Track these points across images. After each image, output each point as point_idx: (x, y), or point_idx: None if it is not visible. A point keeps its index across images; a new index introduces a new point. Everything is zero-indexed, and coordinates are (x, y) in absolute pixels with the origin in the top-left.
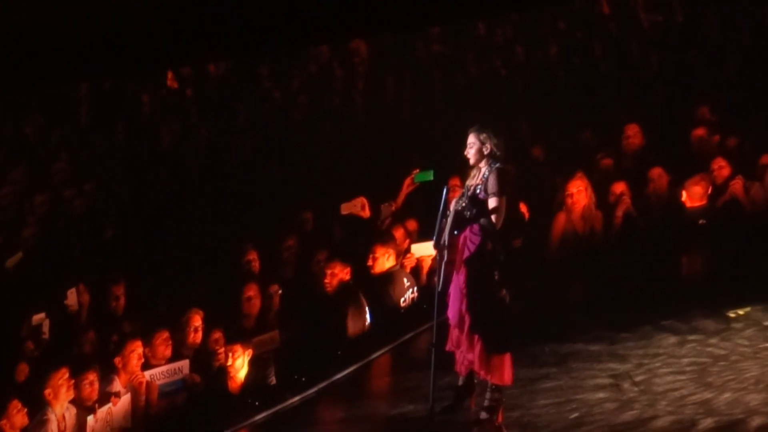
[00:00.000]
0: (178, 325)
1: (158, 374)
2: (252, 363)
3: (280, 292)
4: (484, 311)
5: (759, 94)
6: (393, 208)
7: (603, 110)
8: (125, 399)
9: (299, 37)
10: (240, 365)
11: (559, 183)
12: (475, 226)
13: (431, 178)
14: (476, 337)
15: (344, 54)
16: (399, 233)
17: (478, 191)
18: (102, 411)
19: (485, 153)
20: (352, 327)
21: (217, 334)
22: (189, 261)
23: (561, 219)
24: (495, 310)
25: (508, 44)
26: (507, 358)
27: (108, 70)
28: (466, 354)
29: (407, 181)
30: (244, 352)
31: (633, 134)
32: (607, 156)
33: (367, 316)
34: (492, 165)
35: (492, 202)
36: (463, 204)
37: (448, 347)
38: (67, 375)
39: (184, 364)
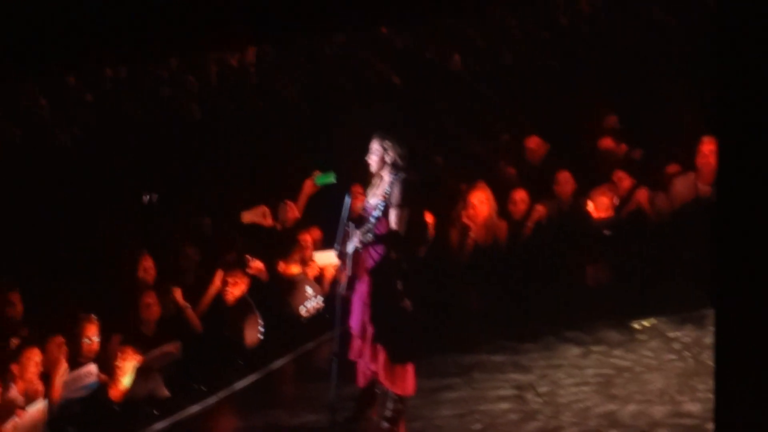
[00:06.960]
0: (74, 334)
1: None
2: (139, 371)
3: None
4: (386, 321)
5: (662, 103)
6: (289, 210)
7: (508, 119)
8: (34, 410)
9: (196, 41)
10: (128, 370)
11: (462, 192)
12: None
13: (333, 180)
14: (379, 347)
15: (240, 58)
16: (304, 241)
17: (382, 203)
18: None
19: (387, 161)
20: (248, 339)
21: (115, 341)
22: (85, 267)
23: (464, 229)
24: (398, 321)
25: (411, 50)
26: (410, 369)
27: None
28: (369, 364)
29: (308, 182)
30: (134, 358)
31: (536, 146)
32: (509, 165)
33: (260, 329)
34: (397, 175)
35: (393, 214)
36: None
37: (351, 357)
38: None
39: (92, 368)
